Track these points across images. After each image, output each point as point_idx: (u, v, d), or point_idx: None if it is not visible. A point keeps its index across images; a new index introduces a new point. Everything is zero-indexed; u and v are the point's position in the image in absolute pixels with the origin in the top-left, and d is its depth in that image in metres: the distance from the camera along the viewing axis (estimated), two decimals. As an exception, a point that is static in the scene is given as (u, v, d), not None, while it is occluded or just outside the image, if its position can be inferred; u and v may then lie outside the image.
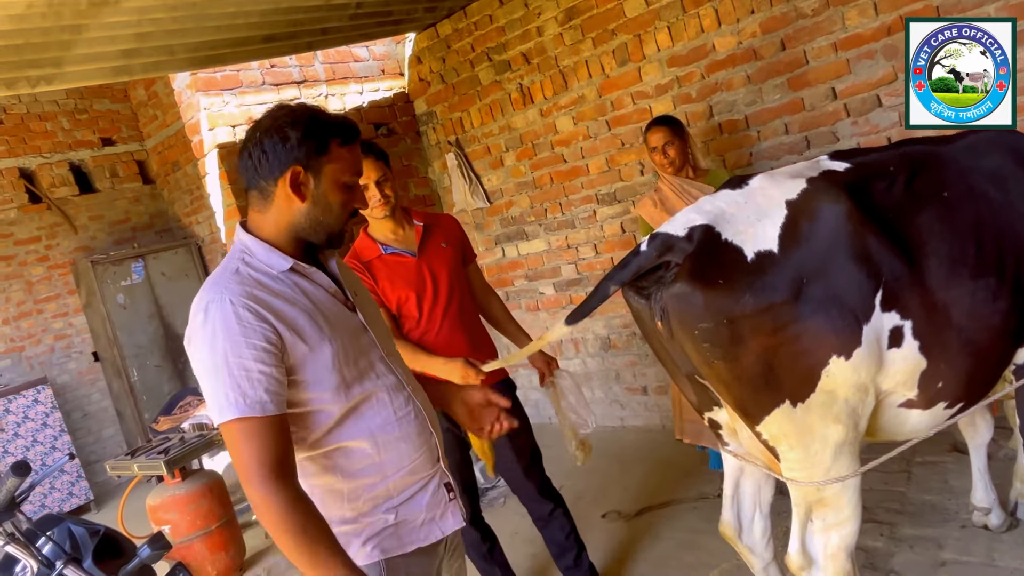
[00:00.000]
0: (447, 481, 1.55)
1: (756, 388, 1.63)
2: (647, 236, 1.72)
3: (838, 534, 1.75)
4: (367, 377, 1.44)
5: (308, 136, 1.37)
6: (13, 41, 2.43)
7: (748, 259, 1.62)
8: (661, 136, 3.05)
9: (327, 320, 1.40)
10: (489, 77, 4.42)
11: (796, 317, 1.59)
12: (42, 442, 5.73)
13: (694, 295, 1.61)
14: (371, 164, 2.31)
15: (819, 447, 1.67)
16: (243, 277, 1.36)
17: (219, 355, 1.28)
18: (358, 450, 1.43)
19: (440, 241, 2.54)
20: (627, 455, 3.95)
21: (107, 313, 6.03)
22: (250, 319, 1.29)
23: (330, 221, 1.43)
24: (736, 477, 2.06)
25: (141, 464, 3.53)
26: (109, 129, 6.76)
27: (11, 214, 6.16)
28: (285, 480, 1.29)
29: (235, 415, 1.27)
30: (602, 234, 4.22)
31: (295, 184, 1.38)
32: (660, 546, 3.00)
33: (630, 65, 3.81)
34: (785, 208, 1.66)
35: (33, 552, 1.54)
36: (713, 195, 1.80)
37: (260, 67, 4.08)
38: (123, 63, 2.97)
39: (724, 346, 1.60)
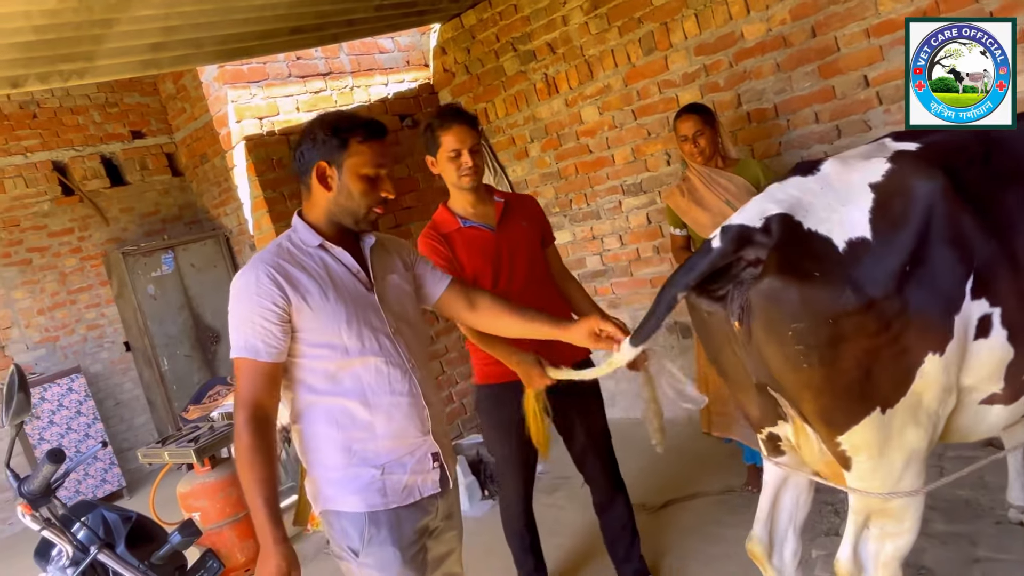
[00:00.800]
0: (435, 451, 1.75)
1: (850, 395, 1.48)
2: (720, 228, 1.55)
3: (894, 544, 1.66)
4: (368, 346, 1.66)
5: (331, 135, 1.65)
6: (46, 36, 2.47)
7: (840, 248, 1.47)
8: (691, 124, 2.99)
9: (336, 289, 1.65)
10: (514, 67, 4.40)
11: (900, 312, 1.45)
12: (76, 430, 5.86)
13: (788, 290, 1.44)
14: (466, 132, 2.29)
15: (896, 455, 1.54)
16: (281, 249, 1.67)
17: (239, 307, 1.61)
18: (352, 408, 1.66)
19: (520, 220, 2.47)
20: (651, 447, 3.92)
21: (138, 304, 6.13)
22: (266, 283, 1.59)
23: (352, 207, 1.68)
24: (776, 489, 1.91)
25: (172, 452, 3.59)
26: (139, 122, 6.86)
27: (45, 206, 6.29)
28: (256, 418, 1.56)
29: (237, 354, 1.59)
30: (628, 225, 4.19)
31: (321, 176, 1.67)
32: (685, 539, 2.99)
33: (656, 54, 3.77)
34: (870, 191, 1.53)
35: (68, 537, 1.58)
36: (781, 183, 1.65)
37: (286, 59, 4.10)
38: (151, 56, 3.01)
39: (821, 348, 1.44)
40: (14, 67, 2.65)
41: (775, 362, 1.52)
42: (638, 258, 4.21)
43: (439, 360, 4.64)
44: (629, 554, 2.64)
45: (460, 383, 4.72)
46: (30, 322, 6.13)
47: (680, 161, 3.31)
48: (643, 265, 4.19)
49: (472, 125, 2.31)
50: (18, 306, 6.09)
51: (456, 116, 2.30)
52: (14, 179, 6.15)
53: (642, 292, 4.22)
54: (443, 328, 4.68)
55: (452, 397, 4.68)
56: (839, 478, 1.68)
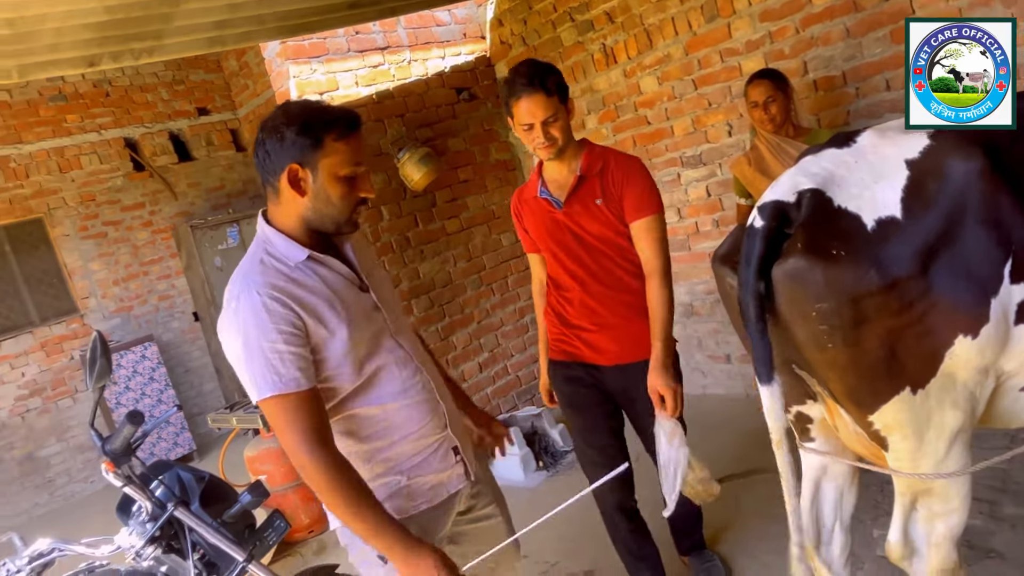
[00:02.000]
0: (454, 445, 1.68)
1: (875, 374, 1.46)
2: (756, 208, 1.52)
3: (944, 524, 1.62)
4: (378, 353, 1.56)
5: (302, 134, 1.44)
6: (117, 15, 2.55)
7: (868, 227, 1.43)
8: (763, 90, 2.88)
9: (344, 304, 1.51)
10: (571, 38, 4.34)
11: (923, 293, 1.42)
12: (149, 395, 6.15)
13: (812, 271, 1.41)
14: (539, 102, 2.06)
15: (934, 436, 1.51)
16: (267, 268, 1.47)
17: (252, 341, 1.40)
18: (369, 416, 1.57)
19: (595, 196, 2.20)
20: (708, 423, 3.89)
21: (205, 275, 6.36)
22: (276, 307, 1.41)
23: (333, 213, 1.50)
24: (817, 481, 1.86)
25: (239, 418, 3.74)
26: (204, 99, 7.05)
27: (118, 181, 6.55)
28: (325, 446, 1.42)
29: (273, 392, 1.40)
30: (686, 198, 4.12)
31: (294, 181, 1.47)
32: (740, 515, 2.97)
33: (719, 21, 3.67)
34: (906, 168, 1.48)
35: (147, 494, 1.67)
36: (816, 155, 1.61)
37: (345, 34, 4.15)
38: (217, 34, 3.07)
39: (845, 328, 1.42)
40: (89, 47, 2.75)
41: (800, 341, 1.50)
42: (697, 232, 4.14)
43: (494, 333, 4.68)
44: (690, 530, 2.61)
45: (515, 356, 4.76)
46: (106, 292, 6.43)
47: (750, 130, 3.21)
48: (702, 239, 4.12)
49: (548, 92, 2.07)
50: (95, 277, 6.39)
51: (527, 85, 2.06)
52: (89, 155, 6.41)
53: (700, 267, 4.16)
54: (498, 302, 4.72)
55: (508, 369, 4.73)
56: (880, 459, 1.65)
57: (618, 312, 2.26)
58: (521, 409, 4.43)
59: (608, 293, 2.25)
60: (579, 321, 2.31)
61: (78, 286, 6.30)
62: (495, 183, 4.78)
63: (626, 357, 2.28)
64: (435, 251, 4.44)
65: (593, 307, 2.27)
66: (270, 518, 1.82)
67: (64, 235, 6.28)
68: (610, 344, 2.29)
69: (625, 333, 2.27)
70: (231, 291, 1.47)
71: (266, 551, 1.81)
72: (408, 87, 4.40)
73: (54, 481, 6.08)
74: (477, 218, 4.67)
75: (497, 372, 4.67)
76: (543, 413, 4.13)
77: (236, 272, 1.51)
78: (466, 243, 4.59)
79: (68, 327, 6.22)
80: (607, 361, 2.32)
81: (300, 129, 1.44)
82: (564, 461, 3.94)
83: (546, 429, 4.09)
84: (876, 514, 2.61)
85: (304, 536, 3.74)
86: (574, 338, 2.34)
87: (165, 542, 1.70)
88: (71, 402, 6.20)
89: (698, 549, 2.63)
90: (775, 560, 2.61)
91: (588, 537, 3.08)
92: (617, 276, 2.25)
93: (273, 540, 1.81)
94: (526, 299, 4.83)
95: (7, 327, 5.99)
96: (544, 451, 4.01)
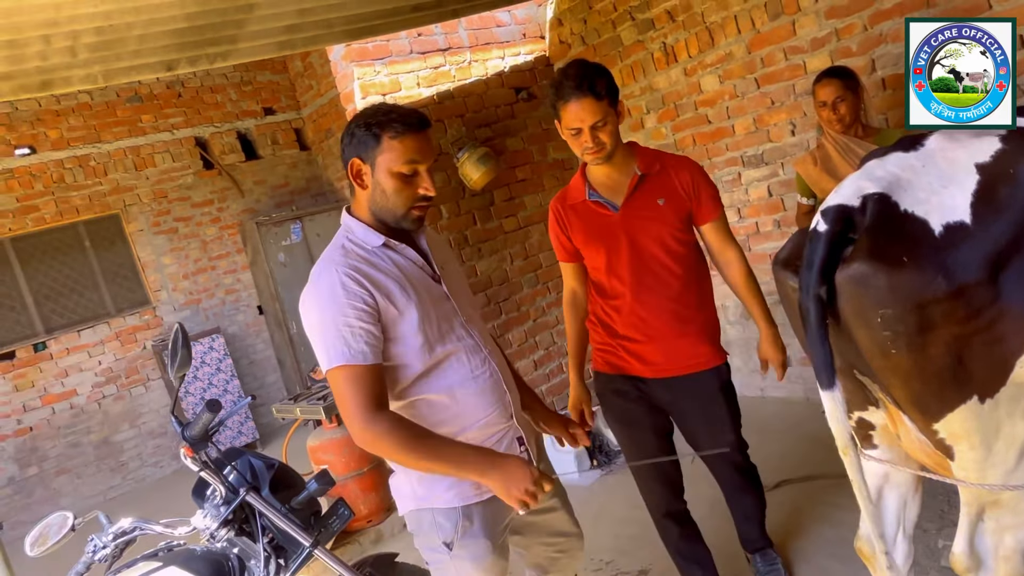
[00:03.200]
0: (519, 436, 1.75)
1: (941, 382, 1.43)
2: (820, 212, 1.50)
3: (1014, 537, 1.57)
4: (448, 339, 1.65)
5: (364, 132, 1.59)
6: (196, 22, 2.67)
7: (936, 233, 1.40)
8: (832, 90, 2.80)
9: (414, 288, 1.62)
10: (631, 37, 4.33)
11: (992, 300, 1.38)
12: (216, 385, 6.39)
13: (876, 276, 1.39)
14: (588, 106, 1.99)
15: (1003, 446, 1.47)
16: (347, 251, 1.61)
17: (327, 315, 1.53)
18: (438, 402, 1.65)
19: (658, 196, 2.15)
20: (767, 426, 3.84)
21: (270, 271, 6.57)
22: (352, 286, 1.53)
23: (388, 206, 1.62)
24: (879, 489, 1.82)
25: (303, 408, 3.86)
26: (270, 99, 7.27)
27: (188, 179, 6.82)
28: (381, 410, 1.53)
29: (341, 362, 1.52)
30: (747, 198, 4.06)
31: (356, 174, 1.62)
32: (799, 520, 2.93)
33: (783, 18, 3.60)
34: (976, 172, 1.45)
35: (222, 479, 1.75)
36: (882, 159, 1.57)
37: (408, 36, 4.23)
38: (287, 38, 3.18)
39: (910, 335, 1.39)
40: (168, 52, 2.89)
41: (863, 347, 1.47)
42: (757, 232, 4.08)
43: (550, 331, 4.70)
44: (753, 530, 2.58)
45: (570, 354, 4.77)
46: (176, 286, 6.70)
47: (816, 128, 3.14)
48: (763, 239, 4.06)
49: (597, 96, 1.99)
50: (166, 271, 6.67)
51: (576, 89, 1.99)
52: (162, 154, 6.69)
53: (760, 268, 4.07)
54: (554, 300, 4.74)
55: (562, 367, 4.74)
56: (944, 469, 1.60)
57: (667, 323, 2.21)
58: (575, 407, 4.44)
59: (658, 302, 2.20)
60: (627, 331, 2.25)
61: (150, 279, 6.59)
62: (552, 182, 4.80)
63: (673, 370, 2.25)
64: (492, 249, 4.49)
65: (643, 316, 2.21)
66: (334, 506, 1.87)
67: (138, 230, 6.57)
68: (657, 356, 2.24)
69: (673, 346, 2.23)
70: (315, 270, 1.61)
71: (330, 537, 1.87)
72: (468, 87, 4.46)
73: (127, 465, 6.37)
74: (534, 217, 4.70)
75: (552, 370, 4.70)
76: (598, 411, 4.14)
77: (321, 256, 1.66)
78: (523, 241, 4.63)
79: (141, 318, 6.51)
80: (653, 374, 2.27)
81: (363, 127, 1.59)
82: (618, 460, 3.95)
83: (601, 428, 4.10)
84: (942, 524, 2.54)
85: (363, 526, 3.84)
86: (620, 349, 2.28)
87: (237, 525, 1.76)
88: (143, 390, 6.49)
89: (763, 549, 2.60)
90: (832, 565, 2.57)
91: (643, 537, 3.08)
92: (667, 283, 2.19)
93: (337, 527, 1.86)
94: (582, 298, 4.83)
95: (86, 317, 6.31)
96: (599, 449, 4.02)
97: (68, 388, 6.17)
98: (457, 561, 1.69)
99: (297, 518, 1.76)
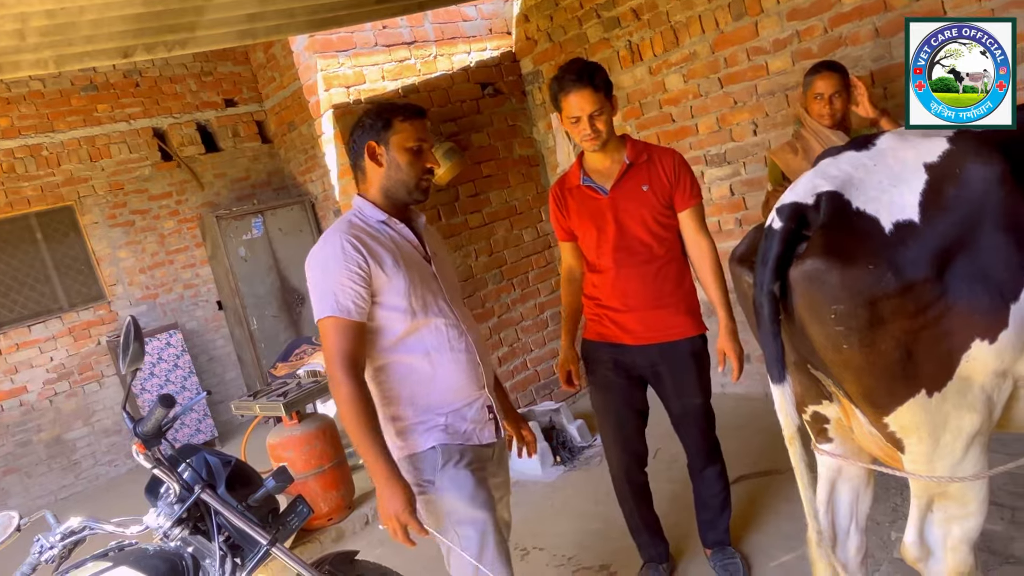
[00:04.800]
0: (490, 404, 1.96)
1: (891, 376, 1.47)
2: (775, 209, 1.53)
3: (960, 527, 1.62)
4: (430, 310, 1.86)
5: (376, 119, 1.88)
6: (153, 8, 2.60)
7: (886, 230, 1.44)
8: (832, 84, 2.78)
9: (405, 260, 1.85)
10: (597, 34, 4.34)
11: (940, 296, 1.43)
12: (173, 381, 6.25)
13: (829, 273, 1.43)
14: (587, 97, 2.23)
15: (951, 438, 1.52)
16: (353, 224, 1.87)
17: (327, 272, 1.78)
18: (416, 365, 1.86)
19: (642, 183, 2.38)
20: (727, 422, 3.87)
21: (230, 265, 6.45)
22: (351, 250, 1.77)
23: (403, 178, 1.89)
24: (832, 482, 1.87)
25: (263, 405, 3.80)
26: (231, 91, 7.13)
27: (146, 171, 6.65)
28: (355, 372, 1.76)
29: (329, 313, 1.76)
30: (709, 196, 4.11)
31: (372, 155, 1.89)
32: (757, 514, 2.97)
33: (746, 19, 3.65)
34: (924, 172, 1.49)
35: (176, 476, 1.71)
36: (835, 157, 1.62)
37: (373, 28, 4.18)
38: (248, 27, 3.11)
39: (861, 330, 1.44)
40: (124, 38, 2.80)
41: (816, 342, 1.51)
42: (719, 230, 4.13)
43: (514, 328, 4.70)
44: (715, 523, 2.66)
45: (534, 351, 4.78)
46: (133, 280, 6.54)
47: (795, 121, 3.15)
48: (725, 237, 4.11)
49: (595, 88, 2.23)
50: (122, 265, 6.50)
51: (576, 81, 2.23)
52: (119, 145, 6.52)
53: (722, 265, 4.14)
54: (518, 297, 4.74)
55: (527, 364, 4.75)
56: (896, 461, 1.65)
57: (647, 295, 2.42)
58: (539, 404, 4.45)
59: (639, 277, 2.41)
60: (610, 302, 2.46)
61: (106, 273, 6.42)
62: (518, 178, 4.80)
63: (650, 338, 2.45)
64: (457, 245, 4.47)
65: (624, 289, 2.43)
66: (293, 503, 1.85)
67: (93, 223, 6.39)
68: (637, 325, 2.44)
69: (652, 316, 2.44)
70: (323, 236, 1.87)
71: (289, 535, 1.84)
72: (433, 82, 4.43)
73: (80, 464, 6.20)
74: (500, 213, 4.69)
75: (516, 367, 4.70)
76: (561, 408, 4.15)
77: (331, 226, 1.90)
78: (488, 238, 4.62)
79: (95, 313, 6.34)
80: (633, 341, 2.47)
81: (375, 116, 1.89)
82: (581, 456, 3.96)
83: (564, 424, 4.11)
84: (895, 517, 2.60)
85: (323, 524, 3.79)
86: (604, 318, 2.50)
87: (192, 524, 1.73)
88: (97, 386, 6.32)
89: (722, 544, 2.65)
90: (792, 560, 2.61)
91: (605, 533, 3.10)
92: (649, 261, 2.41)
93: (295, 525, 1.84)
94: (546, 294, 4.85)
95: (37, 312, 6.12)
96: (562, 446, 4.03)
97: (18, 385, 5.97)
98: (441, 493, 1.86)
99: (254, 516, 1.74)
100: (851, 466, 1.82)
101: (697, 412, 2.54)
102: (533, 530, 3.28)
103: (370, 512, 3.88)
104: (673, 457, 3.53)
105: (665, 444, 3.48)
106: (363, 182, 1.95)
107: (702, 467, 2.61)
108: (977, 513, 1.60)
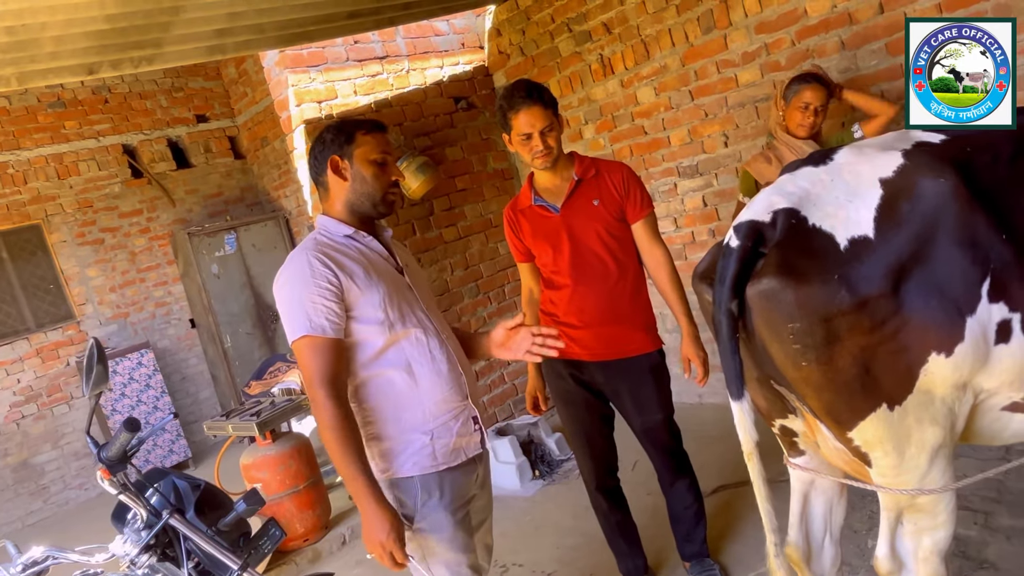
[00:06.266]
0: (475, 415, 1.89)
1: (851, 392, 1.47)
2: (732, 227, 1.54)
3: (931, 538, 1.62)
4: (408, 320, 1.81)
5: (338, 133, 1.84)
6: (118, 24, 2.57)
7: (841, 247, 1.44)
8: (817, 96, 2.80)
9: (377, 271, 1.80)
10: (569, 48, 4.37)
11: (895, 311, 1.42)
12: (145, 402, 6.13)
13: (784, 292, 1.43)
14: (537, 113, 2.25)
15: (915, 451, 1.52)
16: (319, 241, 1.81)
17: (296, 291, 1.71)
18: (398, 379, 1.79)
19: (592, 198, 2.38)
20: (704, 433, 3.90)
21: (203, 282, 6.36)
22: (319, 266, 1.71)
23: (368, 191, 1.83)
24: (805, 494, 1.87)
25: (235, 425, 3.73)
26: (203, 106, 7.06)
27: (116, 188, 6.55)
28: (336, 393, 1.69)
29: (303, 333, 1.69)
30: (683, 208, 4.14)
31: (336, 169, 1.83)
32: (736, 525, 2.97)
33: (715, 32, 3.69)
34: (879, 187, 1.49)
35: (143, 502, 1.66)
36: (793, 173, 1.61)
37: (344, 43, 4.16)
38: (217, 42, 3.09)
39: (818, 347, 1.43)
40: (88, 54, 2.77)
41: (776, 359, 1.51)
42: (693, 241, 4.16)
43: (491, 341, 4.68)
44: (691, 535, 2.65)
45: (511, 365, 4.76)
46: (103, 299, 6.42)
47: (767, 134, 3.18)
48: (698, 248, 4.14)
49: (544, 104, 2.26)
50: (92, 283, 6.39)
51: (526, 98, 2.25)
52: (87, 162, 6.42)
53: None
54: (495, 310, 4.72)
55: (504, 378, 4.73)
56: (863, 474, 1.65)
57: (602, 311, 2.42)
58: (517, 418, 4.43)
59: (595, 293, 2.41)
60: (567, 318, 2.45)
61: (75, 292, 6.30)
62: (492, 192, 4.80)
63: (607, 355, 2.45)
64: (432, 259, 4.45)
65: (581, 305, 2.43)
66: (265, 526, 1.81)
67: (61, 241, 6.27)
68: (593, 342, 2.44)
69: (608, 332, 2.43)
70: (289, 256, 1.81)
71: (261, 559, 1.80)
72: (406, 96, 4.42)
73: (48, 488, 6.05)
74: (474, 227, 4.68)
75: (493, 381, 4.68)
76: (539, 422, 4.13)
77: (296, 246, 1.85)
78: (463, 251, 4.60)
79: (64, 333, 6.21)
80: (591, 357, 2.47)
81: (336, 130, 1.85)
82: (560, 470, 3.94)
83: (542, 438, 4.09)
84: (871, 524, 2.61)
85: (299, 545, 3.73)
86: (562, 335, 2.40)
87: (160, 550, 1.68)
88: (67, 408, 6.18)
89: (700, 557, 2.64)
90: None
91: (585, 547, 3.08)
92: (603, 275, 2.41)
93: (268, 548, 1.80)
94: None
95: (3, 333, 5.98)
96: (540, 460, 4.01)
97: (-17, 408, 5.83)
98: (420, 535, 1.80)
99: (224, 540, 1.70)
100: (823, 479, 1.82)
101: (660, 427, 2.52)
102: (513, 546, 3.25)
103: (347, 532, 3.82)
104: (651, 470, 3.52)
105: (643, 456, 3.47)
106: (326, 199, 1.88)
107: (671, 481, 2.61)
108: (947, 523, 1.60)
